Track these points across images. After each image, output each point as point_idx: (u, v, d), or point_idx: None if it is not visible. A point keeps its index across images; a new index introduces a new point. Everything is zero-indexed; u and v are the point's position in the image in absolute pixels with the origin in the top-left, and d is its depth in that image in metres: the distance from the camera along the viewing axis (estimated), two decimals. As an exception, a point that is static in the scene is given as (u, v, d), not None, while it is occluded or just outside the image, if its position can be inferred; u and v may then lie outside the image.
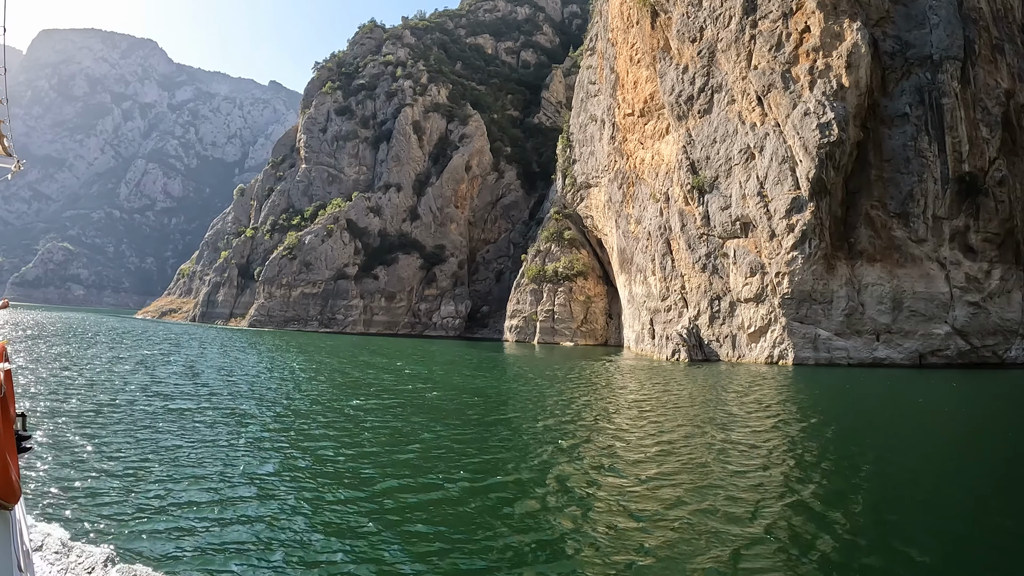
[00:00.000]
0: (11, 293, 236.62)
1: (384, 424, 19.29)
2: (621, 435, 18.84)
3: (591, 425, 20.40)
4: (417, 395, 27.14)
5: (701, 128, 52.43)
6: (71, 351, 41.61)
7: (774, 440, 18.31)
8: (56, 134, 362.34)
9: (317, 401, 24.14)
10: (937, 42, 45.83)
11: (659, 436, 18.59)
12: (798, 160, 44.20)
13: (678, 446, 17.12)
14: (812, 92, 45.20)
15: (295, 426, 18.72)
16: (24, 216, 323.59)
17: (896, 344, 42.89)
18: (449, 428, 18.91)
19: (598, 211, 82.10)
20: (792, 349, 42.84)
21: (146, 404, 21.48)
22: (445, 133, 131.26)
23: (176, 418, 19.11)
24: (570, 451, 16.23)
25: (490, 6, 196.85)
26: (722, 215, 48.60)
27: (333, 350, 55.84)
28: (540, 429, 19.28)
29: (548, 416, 21.76)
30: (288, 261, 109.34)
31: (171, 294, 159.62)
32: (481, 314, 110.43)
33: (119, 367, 32.95)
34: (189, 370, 33.07)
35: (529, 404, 25.70)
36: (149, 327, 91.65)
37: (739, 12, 51.05)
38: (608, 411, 23.78)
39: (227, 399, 23.60)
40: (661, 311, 55.14)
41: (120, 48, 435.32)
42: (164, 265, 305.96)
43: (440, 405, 24.57)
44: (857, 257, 44.19)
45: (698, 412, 23.56)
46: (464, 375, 37.92)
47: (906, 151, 44.77)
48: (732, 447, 17.09)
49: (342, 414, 21.00)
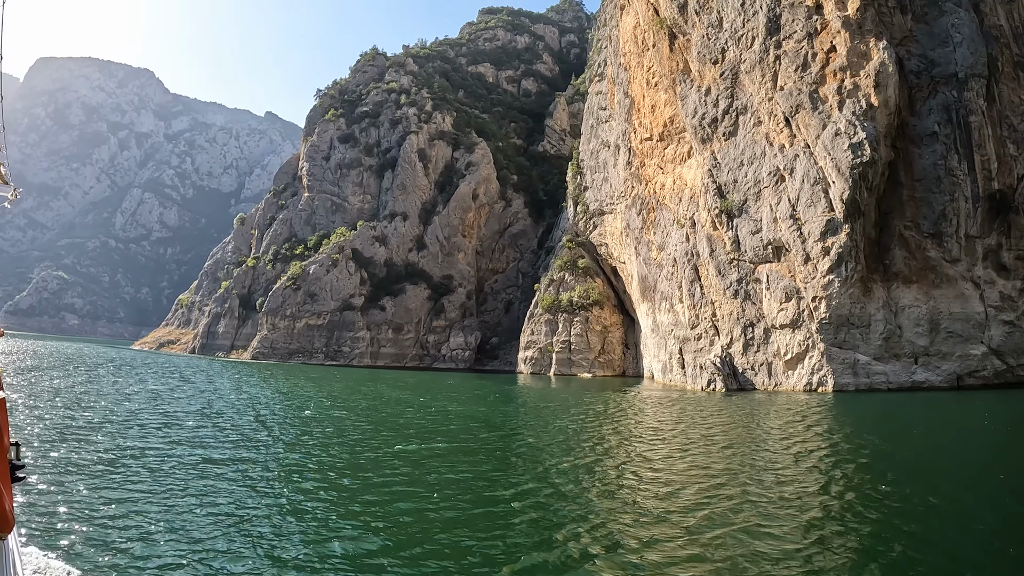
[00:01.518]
0: (4, 322, 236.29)
1: (450, 471, 18.36)
2: (710, 481, 17.99)
3: (674, 470, 19.41)
4: (459, 436, 26.14)
5: (727, 151, 52.22)
6: (74, 386, 40.60)
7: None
8: (52, 162, 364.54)
9: (364, 446, 22.80)
10: (961, 60, 45.91)
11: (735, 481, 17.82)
12: (831, 181, 43.87)
13: (757, 493, 16.31)
14: (841, 112, 45.07)
15: (358, 481, 16.90)
16: (19, 244, 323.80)
17: (934, 367, 42.25)
18: (516, 475, 18.03)
19: (613, 238, 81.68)
20: (832, 375, 42.05)
21: (166, 448, 20.53)
22: (451, 161, 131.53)
23: (210, 469, 17.91)
24: (668, 515, 14.92)
25: (490, 35, 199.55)
26: (753, 239, 48.12)
27: (350, 385, 54.93)
28: (629, 483, 18.10)
29: (621, 461, 20.70)
30: (292, 292, 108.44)
31: (169, 325, 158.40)
32: (491, 346, 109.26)
33: (127, 404, 31.94)
34: (207, 411, 31.70)
35: (591, 446, 24.73)
36: (149, 359, 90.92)
37: (762, 33, 51.19)
38: (682, 452, 22.61)
39: (259, 441, 22.82)
40: (691, 340, 54.41)
41: (117, 77, 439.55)
42: (160, 295, 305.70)
43: (491, 447, 23.64)
44: (893, 279, 43.75)
45: (784, 459, 22.58)
46: (496, 411, 37.10)
47: (936, 170, 44.63)
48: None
49: (397, 461, 19.89)
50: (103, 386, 41.85)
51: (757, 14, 52.04)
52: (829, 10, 48.02)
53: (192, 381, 49.98)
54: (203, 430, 24.81)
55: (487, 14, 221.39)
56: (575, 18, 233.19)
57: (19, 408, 26.90)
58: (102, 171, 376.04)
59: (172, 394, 38.85)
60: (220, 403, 35.12)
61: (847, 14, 46.87)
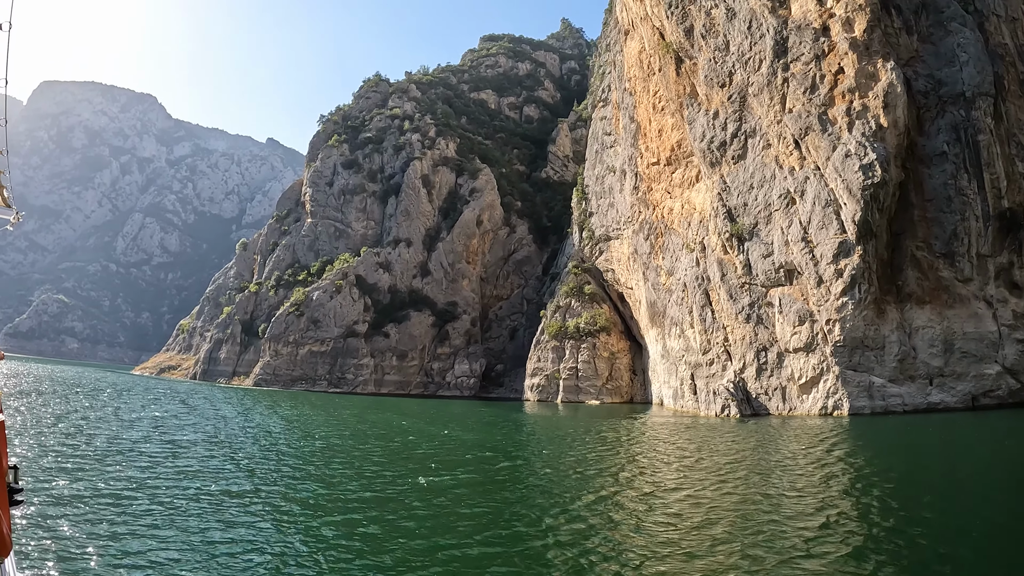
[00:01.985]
0: (4, 344, 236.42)
1: (476, 505, 18.01)
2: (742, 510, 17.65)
3: (705, 501, 19.03)
4: (480, 467, 25.68)
5: (736, 174, 52.33)
6: (75, 411, 40.14)
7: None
8: (54, 185, 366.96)
9: (385, 479, 22.07)
10: (968, 79, 46.17)
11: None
12: (842, 203, 43.84)
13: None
14: (851, 133, 45.17)
15: (387, 518, 16.38)
16: (20, 266, 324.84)
17: (949, 387, 41.87)
18: (542, 510, 17.60)
19: (620, 264, 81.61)
20: (847, 399, 41.66)
21: (174, 480, 19.91)
22: (455, 187, 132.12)
23: (222, 502, 17.33)
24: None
25: (492, 62, 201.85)
26: (764, 263, 47.99)
27: (357, 414, 54.44)
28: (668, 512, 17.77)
29: (647, 492, 20.29)
30: (295, 318, 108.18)
31: (170, 350, 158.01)
32: (495, 373, 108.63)
33: (132, 432, 31.24)
34: (216, 440, 30.97)
35: (615, 477, 24.32)
36: (150, 384, 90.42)
37: (770, 55, 51.55)
38: (711, 481, 22.24)
39: (275, 473, 22.24)
40: (703, 365, 54.03)
41: (119, 102, 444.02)
42: (160, 321, 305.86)
43: (513, 479, 23.18)
44: (906, 300, 43.52)
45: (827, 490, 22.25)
46: (510, 440, 36.70)
47: (947, 190, 44.62)
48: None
49: (422, 495, 19.25)
50: (105, 412, 41.28)
51: (764, 37, 52.47)
52: (836, 32, 48.39)
53: (196, 408, 49.54)
54: (212, 460, 24.30)
55: (488, 41, 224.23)
56: (575, 45, 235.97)
57: (21, 434, 26.45)
58: (104, 195, 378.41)
59: (177, 421, 38.39)
60: (228, 431, 34.61)
61: (854, 36, 47.23)
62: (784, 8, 52.64)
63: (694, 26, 59.79)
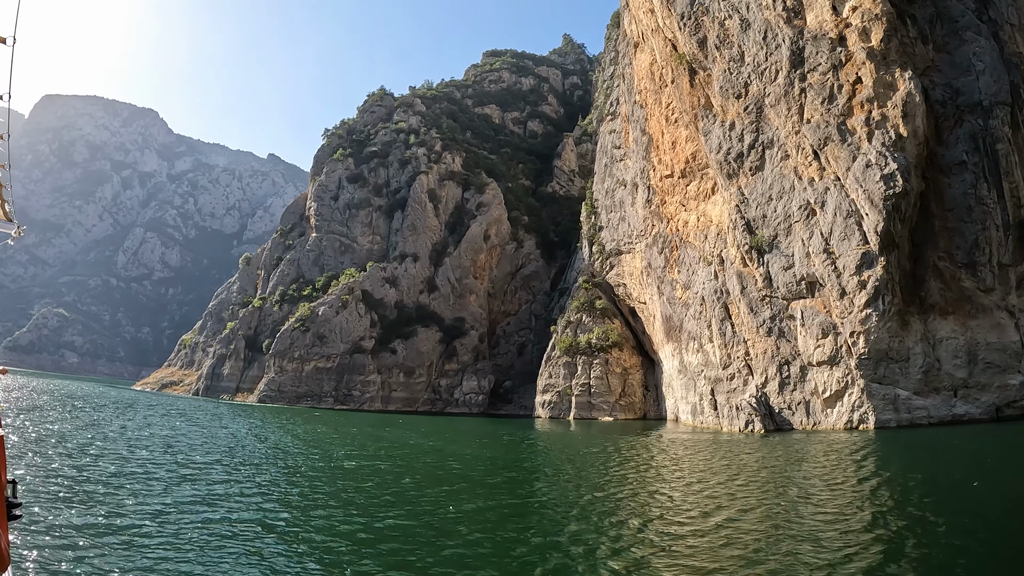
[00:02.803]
0: (3, 357, 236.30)
1: (532, 535, 17.11)
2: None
3: (753, 521, 18.93)
4: (516, 492, 25.11)
5: (754, 186, 52.23)
6: (80, 430, 38.97)
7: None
8: (55, 199, 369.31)
9: (420, 505, 20.74)
10: (985, 88, 46.12)
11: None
12: (864, 214, 43.69)
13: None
14: (871, 144, 45.07)
15: (433, 546, 15.44)
16: (20, 280, 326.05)
17: (974, 399, 41.51)
18: (599, 536, 17.11)
19: (632, 278, 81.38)
20: (873, 412, 41.29)
21: (188, 505, 18.76)
22: (461, 202, 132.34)
23: (244, 531, 16.18)
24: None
25: (495, 77, 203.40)
26: (785, 275, 47.76)
27: (370, 432, 53.63)
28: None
29: (701, 512, 19.66)
30: (300, 333, 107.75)
31: (171, 365, 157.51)
32: (504, 389, 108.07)
33: (140, 453, 29.95)
34: (231, 461, 29.50)
35: (660, 497, 23.92)
36: (153, 400, 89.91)
37: (786, 66, 51.59)
38: (755, 500, 21.90)
39: (303, 501, 21.14)
40: (723, 380, 53.62)
41: (121, 116, 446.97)
42: (160, 336, 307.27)
43: (552, 501, 22.53)
44: (929, 311, 43.25)
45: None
46: (541, 460, 36.22)
47: (967, 199, 44.48)
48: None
49: (465, 526, 18.19)
50: (112, 430, 40.45)
51: (780, 47, 52.55)
52: (853, 42, 48.44)
53: (206, 427, 48.87)
54: (233, 485, 22.99)
55: (491, 56, 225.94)
56: (577, 60, 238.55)
57: (24, 454, 25.71)
58: (105, 209, 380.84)
59: (188, 441, 37.57)
60: (244, 452, 33.78)
61: (871, 45, 47.26)
62: (799, 18, 52.75)
63: (708, 37, 59.95)
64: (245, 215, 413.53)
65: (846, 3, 49.64)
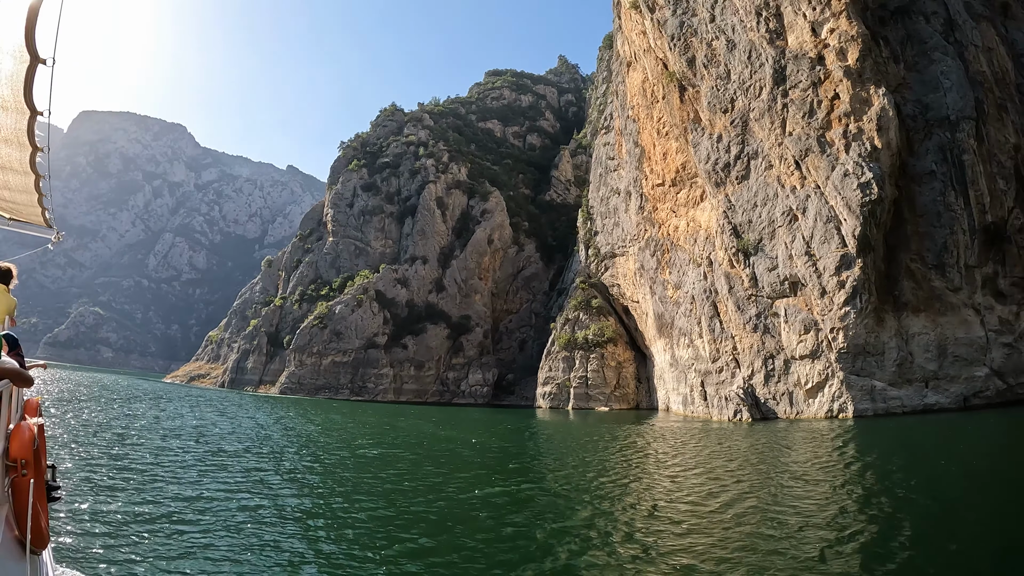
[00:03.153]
0: (44, 352, 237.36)
1: (562, 519, 16.69)
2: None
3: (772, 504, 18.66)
4: (532, 476, 24.86)
5: (740, 193, 52.12)
6: (116, 419, 38.08)
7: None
8: (91, 207, 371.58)
9: (445, 492, 19.95)
10: (952, 104, 46.29)
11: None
12: (842, 219, 43.66)
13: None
14: (848, 154, 45.11)
15: (457, 533, 14.78)
16: (59, 281, 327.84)
17: (943, 389, 41.59)
18: (614, 517, 16.93)
19: (626, 279, 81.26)
20: (851, 402, 41.28)
21: (225, 493, 17.90)
22: (467, 209, 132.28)
23: (273, 514, 15.62)
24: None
25: (497, 94, 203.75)
26: (770, 276, 47.69)
27: (387, 420, 53.22)
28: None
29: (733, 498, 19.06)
30: (319, 330, 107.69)
31: (199, 360, 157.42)
32: (506, 382, 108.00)
33: (172, 441, 29.25)
34: (261, 450, 28.25)
35: (677, 481, 23.75)
36: (182, 392, 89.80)
37: (769, 83, 51.52)
38: (752, 482, 21.82)
39: (330, 488, 20.22)
40: (712, 372, 53.51)
41: (152, 131, 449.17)
42: (188, 332, 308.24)
43: (577, 488, 21.99)
44: (902, 308, 43.36)
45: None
46: (550, 447, 35.92)
47: (936, 206, 44.69)
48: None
49: (487, 507, 17.99)
50: (147, 420, 39.76)
51: (763, 66, 52.49)
52: (831, 61, 48.46)
53: (234, 416, 48.36)
54: (263, 472, 22.02)
55: (493, 75, 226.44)
56: (571, 79, 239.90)
57: (68, 444, 25.11)
58: (137, 216, 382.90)
59: (218, 429, 36.93)
60: (273, 441, 33.04)
61: (848, 64, 47.33)
62: (781, 39, 52.70)
63: (696, 56, 59.84)
64: (266, 221, 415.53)
65: (824, 25, 49.65)
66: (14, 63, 4.36)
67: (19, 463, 4.70)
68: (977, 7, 51.89)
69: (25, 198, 7.01)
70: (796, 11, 51.42)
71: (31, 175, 6.35)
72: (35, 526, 4.68)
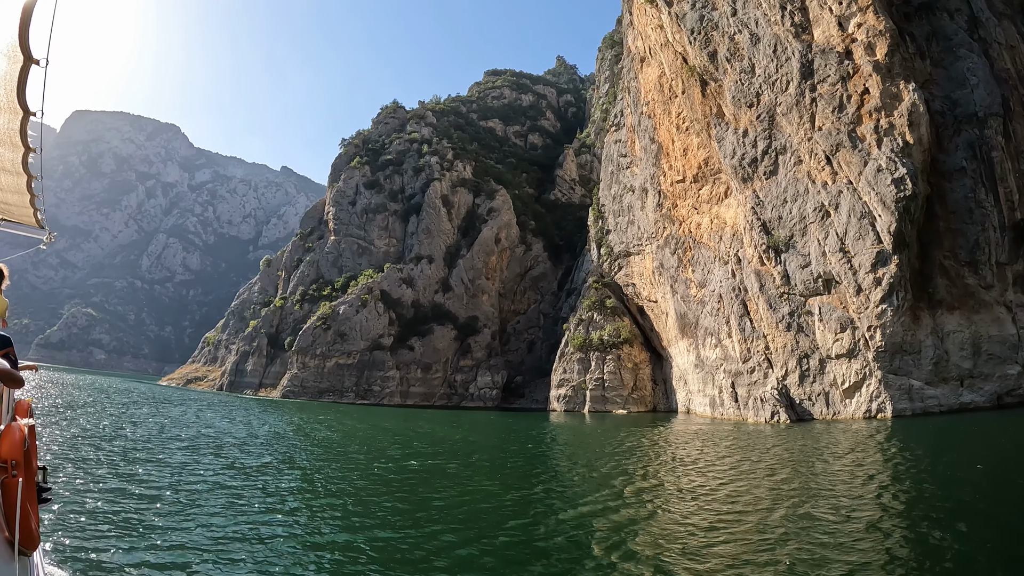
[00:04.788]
0: (36, 354, 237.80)
1: (617, 532, 16.07)
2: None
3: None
4: (573, 479, 24.34)
5: (769, 189, 51.67)
6: (120, 430, 34.22)
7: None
8: (84, 207, 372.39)
9: (492, 505, 18.66)
10: (979, 101, 46.33)
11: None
12: (877, 215, 43.31)
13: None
14: (881, 150, 44.82)
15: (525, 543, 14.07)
16: (51, 282, 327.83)
17: (978, 388, 41.53)
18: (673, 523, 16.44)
19: (642, 278, 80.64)
20: (890, 402, 41.05)
21: (280, 528, 15.11)
22: (473, 207, 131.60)
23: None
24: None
25: (497, 93, 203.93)
26: (802, 273, 47.30)
27: (406, 426, 51.45)
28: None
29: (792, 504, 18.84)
30: (322, 331, 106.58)
31: (195, 362, 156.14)
32: (515, 384, 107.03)
33: (192, 456, 25.68)
34: (293, 466, 25.52)
35: (730, 487, 23.00)
36: (181, 395, 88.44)
37: (796, 77, 51.17)
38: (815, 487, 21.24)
39: (401, 515, 17.86)
40: (744, 373, 53.14)
41: (146, 131, 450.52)
42: (182, 334, 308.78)
43: (620, 494, 21.39)
44: (937, 306, 43.32)
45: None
46: (579, 451, 35.13)
47: (967, 203, 44.71)
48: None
49: (542, 511, 17.49)
50: (150, 429, 36.02)
51: (790, 60, 52.15)
52: (859, 55, 48.21)
53: (243, 423, 45.73)
54: (309, 496, 19.47)
55: (492, 75, 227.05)
56: (570, 80, 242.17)
57: (67, 451, 23.63)
58: (130, 217, 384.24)
59: (234, 439, 33.35)
60: (302, 452, 30.63)
61: (876, 59, 47.14)
62: (807, 33, 52.43)
63: (717, 50, 59.42)
64: (260, 223, 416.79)
65: (851, 20, 49.42)
66: (7, 63, 4.39)
67: (9, 464, 4.78)
68: (998, 5, 52.09)
69: (17, 199, 7.07)
70: (822, 5, 51.18)
71: (23, 176, 6.39)
72: (24, 527, 4.76)
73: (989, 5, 51.45)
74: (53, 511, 13.96)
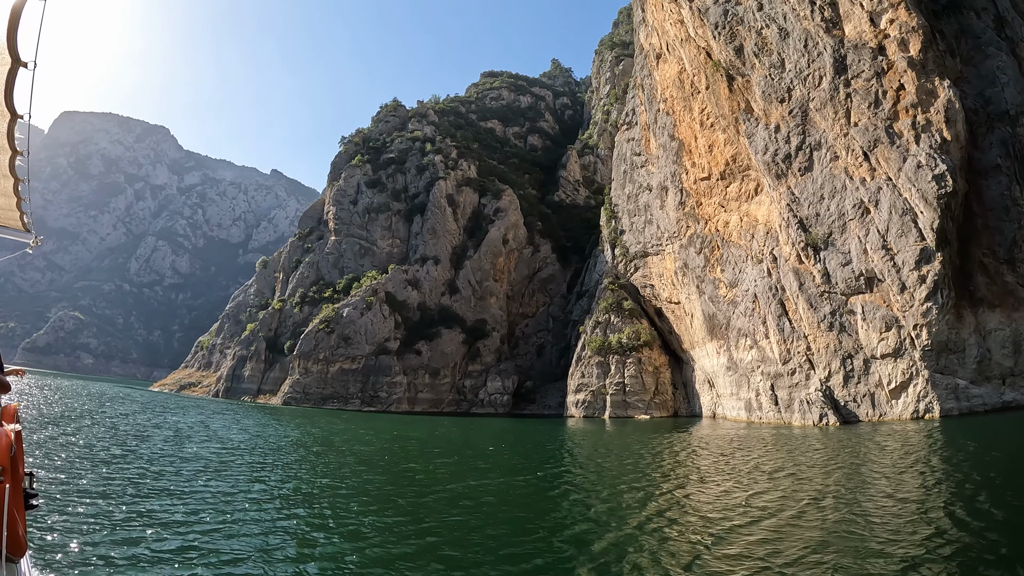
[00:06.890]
0: (22, 358, 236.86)
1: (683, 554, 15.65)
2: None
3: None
4: (619, 492, 23.80)
5: (804, 186, 51.60)
6: (130, 449, 29.06)
7: None
8: (71, 209, 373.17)
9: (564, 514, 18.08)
10: (1010, 99, 46.76)
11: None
12: (918, 212, 43.34)
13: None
14: (919, 146, 44.96)
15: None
16: (38, 285, 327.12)
17: (1019, 386, 41.72)
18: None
19: (661, 279, 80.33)
20: (937, 401, 41.15)
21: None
22: (478, 207, 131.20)
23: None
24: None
25: (496, 95, 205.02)
26: (843, 271, 47.26)
27: (426, 437, 48.56)
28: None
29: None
30: (325, 335, 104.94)
31: (188, 367, 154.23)
32: (526, 389, 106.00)
33: (218, 484, 21.05)
34: (339, 485, 22.80)
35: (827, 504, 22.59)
36: (178, 402, 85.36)
37: (830, 72, 51.25)
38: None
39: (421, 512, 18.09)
40: (784, 375, 52.94)
41: (135, 133, 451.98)
42: (171, 338, 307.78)
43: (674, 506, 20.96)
44: (978, 304, 43.59)
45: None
46: (622, 463, 33.26)
47: (1004, 200, 45.06)
48: None
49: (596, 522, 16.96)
50: (160, 448, 30.04)
51: (822, 55, 52.26)
52: (892, 51, 48.42)
53: (253, 432, 42.81)
54: (370, 518, 17.75)
55: (489, 76, 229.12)
56: (565, 83, 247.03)
57: (71, 463, 22.34)
58: (119, 219, 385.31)
59: (256, 459, 28.56)
60: (322, 464, 28.45)
61: (910, 55, 47.42)
62: (838, 28, 52.63)
63: (744, 45, 59.45)
64: (250, 226, 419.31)
65: (883, 16, 49.64)
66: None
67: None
68: (1021, 4, 52.49)
69: (3, 201, 7.13)
70: (852, 1, 51.34)
71: (10, 178, 6.47)
72: (12, 533, 4.83)
73: (1013, 5, 52.09)
74: (41, 517, 14.05)
